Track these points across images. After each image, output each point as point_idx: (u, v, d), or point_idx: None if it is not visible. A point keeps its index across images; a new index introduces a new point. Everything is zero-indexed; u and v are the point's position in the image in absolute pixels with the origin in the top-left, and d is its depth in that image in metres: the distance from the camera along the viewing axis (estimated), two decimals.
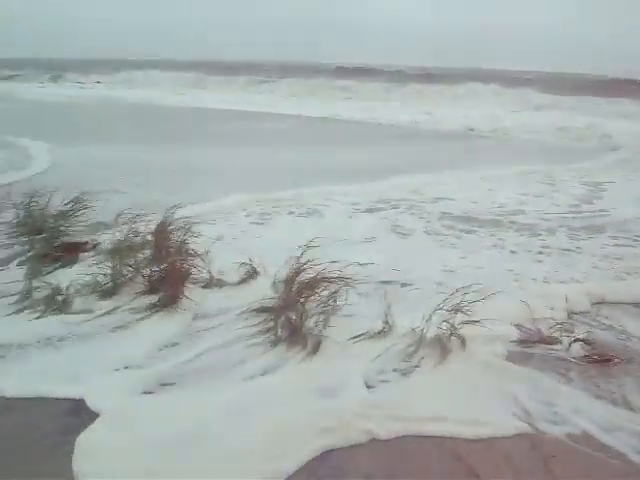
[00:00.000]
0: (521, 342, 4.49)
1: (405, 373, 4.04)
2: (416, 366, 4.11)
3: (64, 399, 3.69)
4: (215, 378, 3.96)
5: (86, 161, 12.39)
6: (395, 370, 4.07)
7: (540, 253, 6.88)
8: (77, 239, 6.51)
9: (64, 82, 45.97)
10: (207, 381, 3.92)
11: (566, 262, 6.56)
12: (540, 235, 7.60)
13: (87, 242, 6.51)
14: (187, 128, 19.27)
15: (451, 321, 4.32)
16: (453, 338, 4.31)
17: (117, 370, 4.02)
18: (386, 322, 4.49)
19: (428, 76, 39.68)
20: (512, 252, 6.91)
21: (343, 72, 43.39)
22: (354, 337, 4.38)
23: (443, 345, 4.27)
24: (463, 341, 4.30)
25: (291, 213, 8.51)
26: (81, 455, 3.14)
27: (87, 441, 3.25)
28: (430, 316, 4.31)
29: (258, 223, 7.95)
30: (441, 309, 4.36)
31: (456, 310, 4.33)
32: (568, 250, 7.00)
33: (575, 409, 3.66)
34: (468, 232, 7.70)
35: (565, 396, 3.79)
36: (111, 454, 3.18)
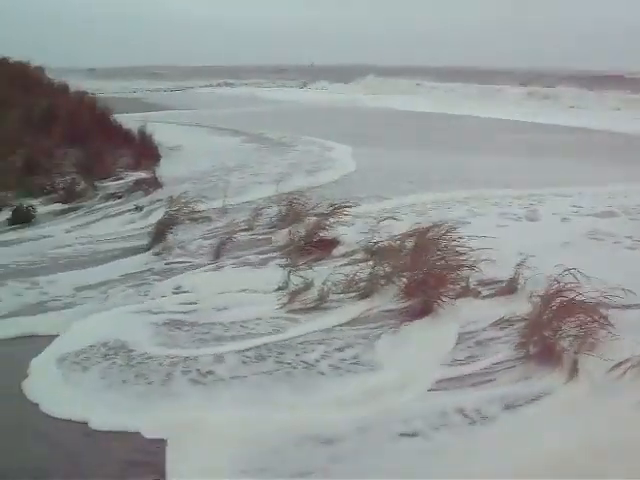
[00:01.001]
0: None
1: None
2: None
3: None
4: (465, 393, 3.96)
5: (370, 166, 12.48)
6: None
7: None
8: (332, 237, 6.75)
9: (311, 88, 48.24)
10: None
11: None
12: None
13: (339, 241, 6.74)
14: (454, 136, 18.68)
15: None
16: None
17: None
18: None
19: None
20: None
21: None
22: (618, 364, 4.00)
23: None
24: None
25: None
26: None
27: None
28: None
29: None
30: None
31: None
32: None
33: None
34: None
35: None
36: None
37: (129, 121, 14.09)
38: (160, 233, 7.24)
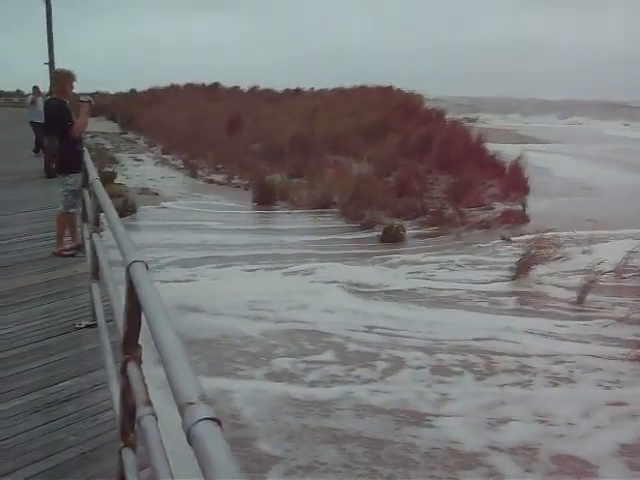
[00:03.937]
0: None
1: None
2: None
3: None
4: None
5: None
6: None
7: None
8: None
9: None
10: None
11: None
12: None
13: None
14: None
15: None
16: None
17: None
18: None
19: None
20: None
21: None
22: None
23: None
24: None
25: None
26: None
27: None
28: None
29: None
30: None
31: None
32: None
33: None
34: None
35: None
36: None
37: (503, 152, 14.16)
38: (523, 267, 7.25)
